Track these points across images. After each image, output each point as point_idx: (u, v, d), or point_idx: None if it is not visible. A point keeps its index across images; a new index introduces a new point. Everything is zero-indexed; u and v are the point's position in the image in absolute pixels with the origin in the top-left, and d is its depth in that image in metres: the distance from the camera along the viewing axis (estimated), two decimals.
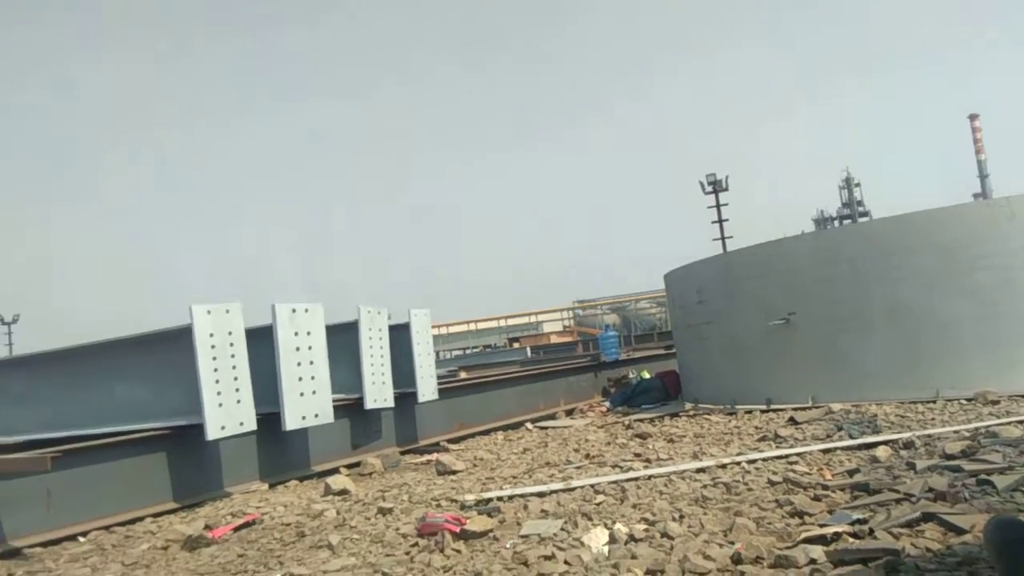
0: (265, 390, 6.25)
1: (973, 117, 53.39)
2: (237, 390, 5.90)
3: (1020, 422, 5.52)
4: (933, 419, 6.20)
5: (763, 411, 8.01)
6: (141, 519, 5.42)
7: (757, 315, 8.45)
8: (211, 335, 5.78)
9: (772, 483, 4.47)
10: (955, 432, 5.43)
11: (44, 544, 4.89)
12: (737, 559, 3.09)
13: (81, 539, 5.03)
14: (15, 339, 45.68)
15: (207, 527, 4.76)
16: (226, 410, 5.79)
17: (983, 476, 3.92)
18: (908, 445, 5.14)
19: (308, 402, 6.38)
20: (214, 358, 5.77)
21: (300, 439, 6.89)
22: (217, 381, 5.76)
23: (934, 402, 6.98)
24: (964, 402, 6.81)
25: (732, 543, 3.33)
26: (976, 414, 6.16)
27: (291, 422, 6.24)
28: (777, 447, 5.74)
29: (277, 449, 6.67)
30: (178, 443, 5.89)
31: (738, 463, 5.18)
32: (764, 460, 5.21)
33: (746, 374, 8.67)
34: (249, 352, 6.02)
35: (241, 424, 5.91)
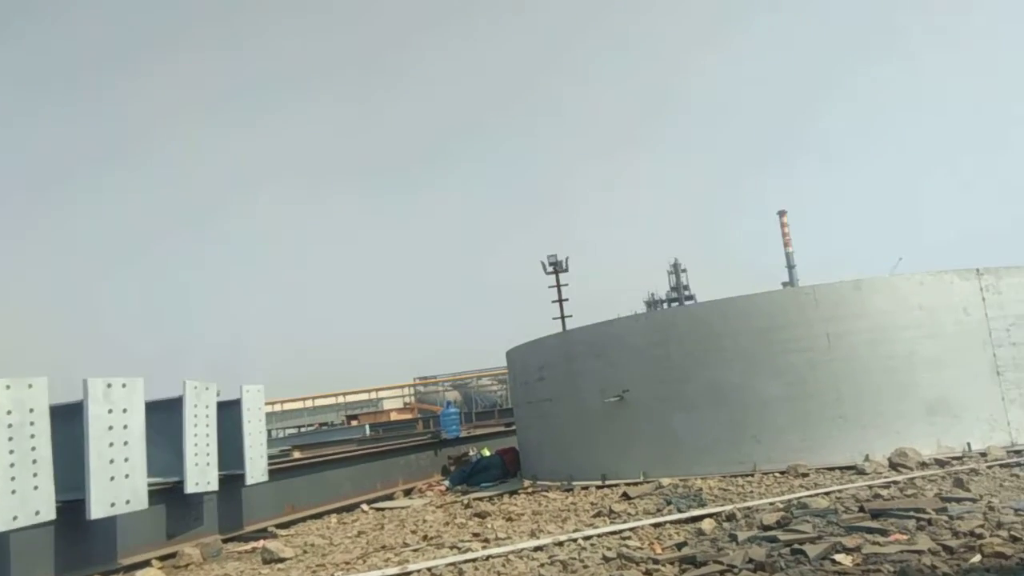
0: (72, 473, 5.64)
1: (782, 213, 59.39)
2: (35, 475, 5.27)
3: (827, 493, 5.98)
4: (751, 491, 6.60)
5: (599, 487, 8.18)
6: None
7: (593, 393, 8.72)
8: (9, 412, 5.17)
9: (607, 559, 4.53)
10: (771, 504, 5.80)
11: None
12: None
13: None
14: None
15: None
16: (20, 497, 5.15)
17: (796, 546, 4.20)
18: (730, 517, 5.42)
19: (119, 487, 5.81)
20: (10, 438, 5.15)
21: (106, 529, 6.23)
22: (12, 465, 5.13)
23: (752, 475, 7.43)
24: (778, 475, 7.31)
25: None
26: (788, 486, 6.62)
27: (97, 510, 5.63)
28: (611, 522, 5.87)
29: (79, 540, 5.98)
30: None
31: (574, 540, 5.23)
32: (599, 536, 5.30)
33: (583, 450, 8.86)
34: (58, 431, 5.43)
35: (37, 513, 5.26)
